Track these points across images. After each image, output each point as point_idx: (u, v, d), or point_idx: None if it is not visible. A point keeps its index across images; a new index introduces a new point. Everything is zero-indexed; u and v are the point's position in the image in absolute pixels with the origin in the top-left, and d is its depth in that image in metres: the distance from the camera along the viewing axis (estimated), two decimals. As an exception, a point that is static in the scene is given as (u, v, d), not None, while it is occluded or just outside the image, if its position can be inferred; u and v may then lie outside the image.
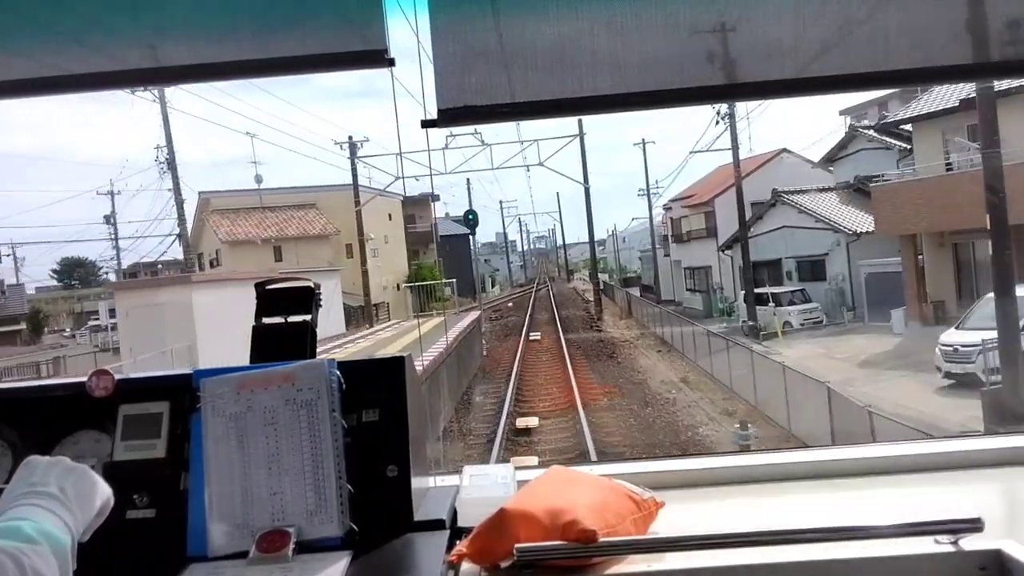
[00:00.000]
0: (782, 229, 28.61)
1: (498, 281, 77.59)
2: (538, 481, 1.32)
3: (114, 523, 1.09)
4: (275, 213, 36.35)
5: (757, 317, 25.79)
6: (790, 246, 28.49)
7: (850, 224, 26.29)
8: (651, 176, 46.20)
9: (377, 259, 40.96)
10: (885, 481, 1.51)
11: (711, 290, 35.21)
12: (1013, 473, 1.48)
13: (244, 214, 35.89)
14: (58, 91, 1.36)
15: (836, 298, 26.33)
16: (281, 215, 36.35)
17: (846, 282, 26.32)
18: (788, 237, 28.41)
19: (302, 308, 1.43)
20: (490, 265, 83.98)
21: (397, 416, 1.30)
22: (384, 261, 41.50)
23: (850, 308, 25.60)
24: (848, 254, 26.16)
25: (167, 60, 1.31)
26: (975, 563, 1.11)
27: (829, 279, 26.91)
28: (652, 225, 47.12)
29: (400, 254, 45.63)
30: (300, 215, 36.46)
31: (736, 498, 1.50)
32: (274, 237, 34.98)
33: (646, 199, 46.71)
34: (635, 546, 1.19)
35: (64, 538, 0.90)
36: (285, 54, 1.28)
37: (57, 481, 0.97)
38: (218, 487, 1.24)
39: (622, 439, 13.87)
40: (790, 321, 25.42)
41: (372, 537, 1.22)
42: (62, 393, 1.37)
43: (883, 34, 1.23)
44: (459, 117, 1.28)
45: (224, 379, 1.29)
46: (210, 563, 1.20)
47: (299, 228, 35.45)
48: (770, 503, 1.47)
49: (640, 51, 1.25)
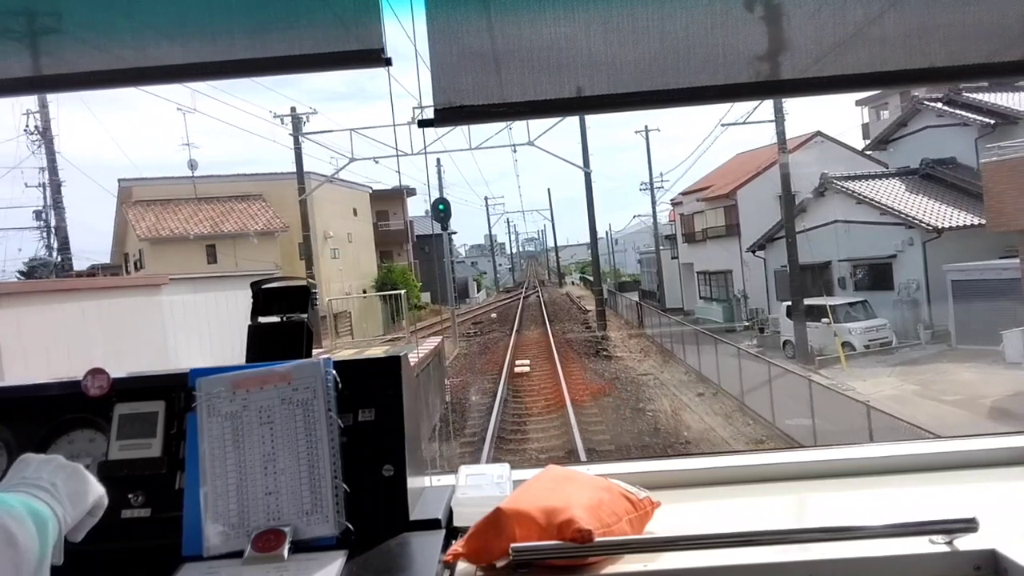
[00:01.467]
0: (833, 224, 22.86)
1: (484, 285, 71.68)
2: (534, 481, 1.32)
3: (109, 522, 1.12)
4: (211, 205, 30.23)
5: (807, 336, 20.02)
6: (844, 246, 22.63)
7: (927, 217, 20.60)
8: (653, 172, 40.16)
9: (338, 261, 34.98)
10: (880, 481, 1.51)
11: (733, 299, 29.45)
12: (1008, 473, 1.49)
13: (173, 206, 29.79)
14: (47, 90, 1.45)
15: (908, 312, 20.58)
16: (219, 207, 30.21)
17: (921, 291, 20.59)
18: (841, 235, 22.63)
19: (298, 307, 1.43)
20: (476, 268, 79.73)
21: (393, 416, 1.31)
22: (347, 263, 35.48)
23: (927, 326, 19.87)
24: (925, 255, 20.45)
25: (162, 59, 1.31)
26: (970, 563, 1.11)
27: (898, 288, 21.15)
28: (656, 222, 41.21)
29: (368, 255, 39.51)
30: (242, 208, 30.33)
31: (732, 498, 1.50)
32: (207, 234, 28.94)
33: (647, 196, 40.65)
34: (631, 546, 1.20)
35: (48, 518, 0.91)
36: (281, 53, 1.29)
37: (49, 477, 0.98)
38: (213, 486, 1.24)
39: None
40: (851, 342, 19.65)
41: (368, 537, 1.22)
42: (57, 392, 1.37)
43: (879, 36, 1.25)
44: (455, 117, 1.30)
45: (220, 378, 1.28)
46: (205, 562, 1.19)
47: (239, 223, 29.37)
48: (766, 503, 1.47)
49: (635, 51, 1.26)
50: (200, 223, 29.20)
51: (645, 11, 1.24)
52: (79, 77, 1.32)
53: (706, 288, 33.00)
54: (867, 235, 21.83)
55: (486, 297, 62.77)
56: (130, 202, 30.01)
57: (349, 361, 1.34)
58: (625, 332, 28.55)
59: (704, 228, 32.76)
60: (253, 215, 29.80)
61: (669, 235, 42.91)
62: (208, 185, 30.94)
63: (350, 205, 37.54)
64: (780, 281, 24.76)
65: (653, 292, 44.82)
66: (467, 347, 26.13)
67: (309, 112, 24.22)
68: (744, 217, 29.44)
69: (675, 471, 1.58)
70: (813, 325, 20.26)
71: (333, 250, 34.93)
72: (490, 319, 35.55)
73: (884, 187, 22.51)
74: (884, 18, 1.23)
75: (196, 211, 29.94)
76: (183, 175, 30.73)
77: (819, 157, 27.91)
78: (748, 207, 29.57)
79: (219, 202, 30.42)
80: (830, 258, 23.02)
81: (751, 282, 29.10)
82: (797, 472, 1.54)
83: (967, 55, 1.25)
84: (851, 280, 22.83)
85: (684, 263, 36.73)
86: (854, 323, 20.16)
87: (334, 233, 34.37)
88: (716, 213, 31.65)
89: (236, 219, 29.60)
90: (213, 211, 29.93)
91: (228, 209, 30.15)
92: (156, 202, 29.89)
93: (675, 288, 38.14)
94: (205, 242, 28.90)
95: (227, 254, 28.33)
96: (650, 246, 47.28)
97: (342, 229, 35.60)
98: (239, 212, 29.97)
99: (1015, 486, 1.45)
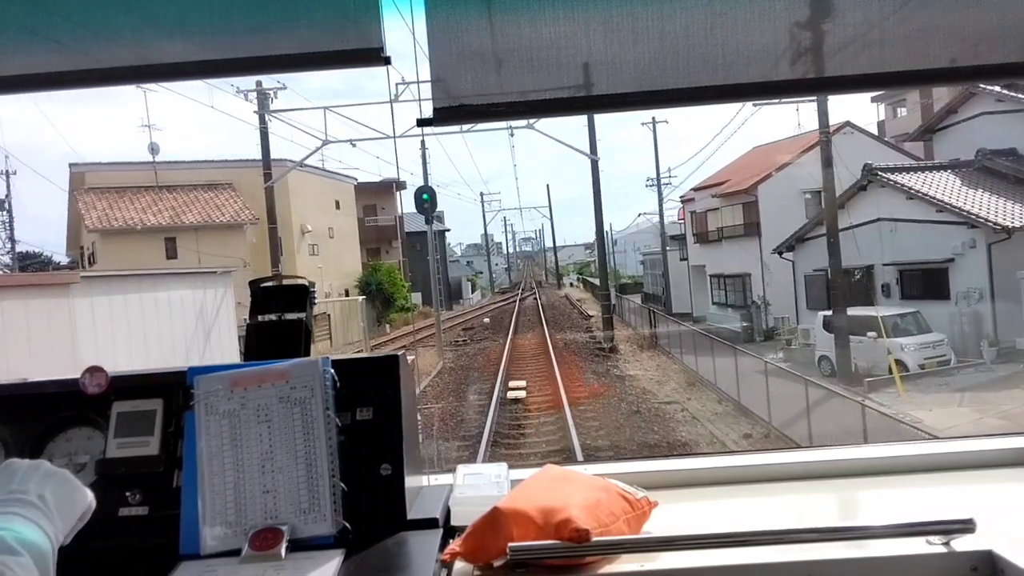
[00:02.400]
0: (876, 223, 19.88)
1: (480, 286, 68.62)
2: (531, 480, 1.32)
3: (107, 520, 1.14)
4: (174, 194, 27.17)
5: (850, 352, 17.09)
6: (889, 247, 19.62)
7: (994, 216, 17.64)
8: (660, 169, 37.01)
9: (317, 257, 31.95)
10: (878, 482, 1.51)
11: (752, 305, 26.50)
12: (1005, 474, 1.49)
13: (130, 194, 26.72)
14: (44, 88, 1.36)
15: (969, 326, 17.60)
16: (182, 197, 27.12)
17: (984, 301, 17.63)
18: (886, 235, 19.64)
19: (296, 306, 1.43)
20: (472, 268, 76.84)
21: (391, 415, 1.30)
22: (328, 260, 32.42)
23: (992, 342, 16.92)
24: (990, 259, 17.49)
25: (162, 57, 1.31)
26: (967, 563, 1.11)
27: (955, 297, 18.16)
28: (663, 221, 38.17)
29: (352, 252, 36.42)
30: (208, 197, 27.21)
31: (730, 498, 1.50)
32: (166, 225, 25.87)
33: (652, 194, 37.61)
34: (628, 546, 1.20)
35: (45, 547, 0.89)
36: (281, 51, 1.28)
37: (37, 488, 0.95)
38: (211, 485, 1.24)
39: None
40: (903, 360, 16.71)
41: (365, 536, 1.22)
42: (55, 390, 1.36)
43: (878, 38, 1.25)
44: (454, 116, 1.29)
45: (218, 376, 1.28)
46: (202, 561, 1.19)
47: (203, 214, 26.31)
48: (763, 503, 1.48)
49: (635, 51, 1.26)
50: (159, 213, 26.10)
51: (645, 11, 1.25)
52: (77, 75, 1.32)
53: (720, 293, 29.97)
54: (917, 235, 18.77)
55: (481, 298, 59.73)
56: (82, 189, 26.87)
57: (347, 360, 1.33)
58: (635, 344, 24.68)
59: (719, 227, 29.70)
60: (220, 205, 26.66)
61: (676, 235, 39.96)
62: (172, 172, 27.84)
63: (332, 197, 34.48)
64: (811, 287, 21.79)
65: (657, 295, 41.81)
66: (453, 360, 22.11)
67: (277, 88, 21.16)
68: (765, 215, 26.49)
69: (672, 471, 1.58)
70: (857, 339, 17.30)
71: (312, 246, 31.90)
72: (482, 324, 31.67)
73: (938, 181, 19.38)
74: (887, 19, 1.23)
75: (156, 200, 26.86)
76: (143, 160, 27.69)
77: (850, 150, 25.01)
78: (770, 204, 26.65)
79: (183, 191, 27.31)
80: (872, 261, 20.02)
81: (772, 287, 26.14)
82: (795, 472, 1.54)
83: (966, 57, 1.26)
84: (897, 287, 19.82)
85: (694, 265, 33.68)
86: (906, 338, 17.17)
87: (312, 227, 31.36)
88: (733, 210, 28.62)
89: (200, 209, 26.46)
90: (175, 201, 26.81)
91: (192, 199, 27.02)
92: (111, 190, 26.69)
93: (683, 292, 35.15)
94: (164, 234, 25.86)
95: (189, 248, 25.29)
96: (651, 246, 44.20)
97: (322, 223, 32.57)
98: (204, 202, 26.82)
99: (1013, 487, 1.46)
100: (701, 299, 32.64)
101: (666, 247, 37.10)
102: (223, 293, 18.87)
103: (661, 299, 40.02)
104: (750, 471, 1.56)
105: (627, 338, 26.01)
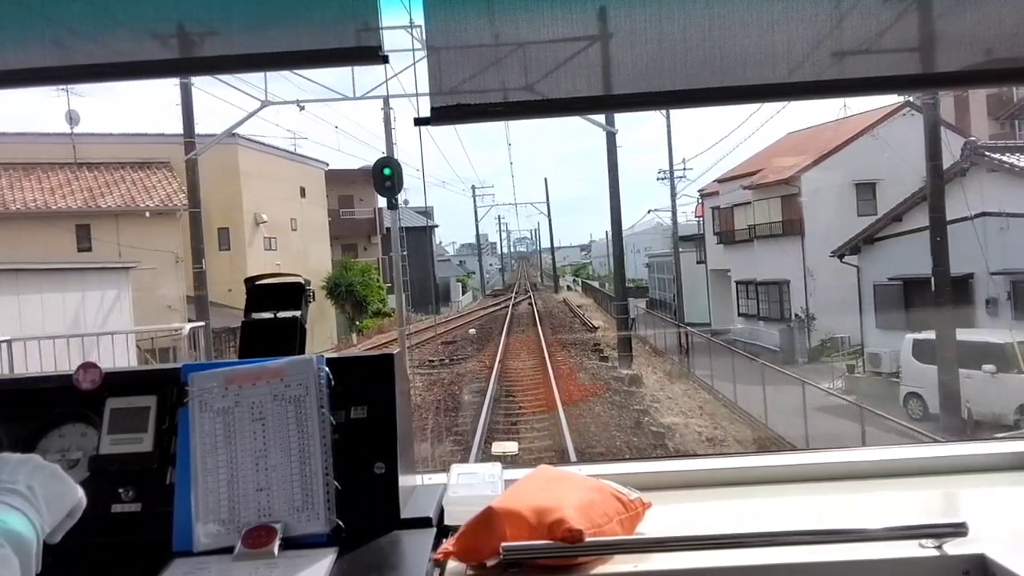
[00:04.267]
0: (981, 218, 15.21)
1: (471, 286, 63.81)
2: (525, 480, 1.32)
3: (99, 517, 1.14)
4: (95, 173, 22.41)
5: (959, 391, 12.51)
6: (997, 251, 15.05)
7: None
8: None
9: (275, 253, 27.26)
10: (871, 485, 1.51)
11: (795, 320, 21.91)
12: (998, 478, 1.49)
13: (40, 172, 21.91)
14: (42, 83, 1.35)
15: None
16: (104, 176, 22.34)
17: None
18: (992, 234, 14.91)
19: (291, 304, 1.42)
20: (464, 267, 73.50)
21: (386, 414, 1.30)
22: (289, 256, 27.71)
23: None
24: None
25: (160, 53, 1.30)
26: (959, 567, 1.11)
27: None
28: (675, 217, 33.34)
29: (320, 247, 31.58)
30: (137, 177, 22.44)
31: (723, 500, 1.50)
32: (79, 209, 21.07)
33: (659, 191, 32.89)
34: (621, 546, 1.19)
35: (28, 537, 0.89)
36: (278, 49, 1.28)
37: (26, 479, 0.95)
38: (204, 482, 1.23)
39: None
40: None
41: (358, 534, 1.21)
42: (48, 385, 1.36)
43: (874, 39, 1.25)
44: (452, 115, 1.29)
45: (212, 374, 1.27)
46: (195, 558, 1.18)
47: (127, 197, 21.49)
48: (757, 505, 1.47)
49: (633, 52, 1.26)
50: (71, 195, 21.31)
51: (644, 12, 1.24)
52: (75, 70, 1.32)
53: (750, 302, 25.43)
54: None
55: (472, 300, 54.92)
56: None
57: (342, 358, 1.33)
58: (659, 368, 19.23)
59: (750, 225, 25.14)
60: (150, 187, 21.87)
61: (688, 236, 35.30)
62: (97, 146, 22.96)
63: (296, 183, 29.70)
64: (884, 301, 17.17)
65: (665, 302, 37.16)
66: (422, 390, 15.77)
67: (204, 32, 16.36)
68: (813, 209, 22.00)
69: (666, 472, 1.58)
70: (966, 373, 12.72)
71: (268, 239, 27.13)
72: (466, 337, 25.66)
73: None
74: (888, 21, 1.23)
75: (72, 179, 22.09)
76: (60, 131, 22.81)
77: (908, 137, 20.55)
78: (814, 198, 22.18)
79: (106, 169, 22.51)
80: (971, 269, 15.40)
81: (818, 297, 21.71)
82: (788, 475, 1.54)
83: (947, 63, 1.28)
84: (1008, 303, 15.19)
85: (715, 269, 29.16)
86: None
87: (270, 217, 26.60)
88: (769, 205, 24.09)
89: (124, 191, 21.69)
90: (95, 180, 22.03)
91: (117, 178, 22.22)
92: (16, 165, 21.92)
93: (698, 299, 30.58)
94: (76, 220, 21.07)
95: (106, 239, 20.60)
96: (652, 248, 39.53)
97: (282, 213, 27.85)
98: (131, 183, 22.03)
99: (1006, 491, 1.46)
100: (723, 309, 28.06)
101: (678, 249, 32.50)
102: (115, 296, 13.99)
103: (671, 307, 35.42)
104: (744, 473, 1.56)
105: (647, 360, 20.74)
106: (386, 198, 13.48)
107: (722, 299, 28.32)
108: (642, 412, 13.70)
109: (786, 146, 26.80)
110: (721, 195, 27.80)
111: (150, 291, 20.59)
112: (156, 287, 20.50)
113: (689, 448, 12.11)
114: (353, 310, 30.17)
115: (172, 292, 20.79)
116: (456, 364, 19.20)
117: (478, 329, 27.11)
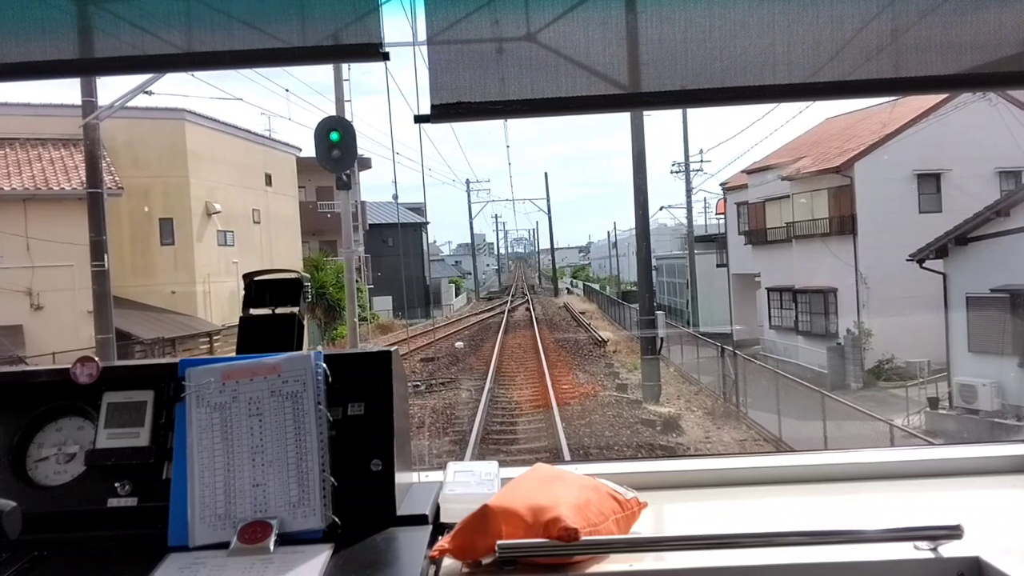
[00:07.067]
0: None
1: (466, 288, 60.01)
2: (522, 479, 1.32)
3: (96, 511, 1.16)
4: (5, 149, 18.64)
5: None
6: None
7: None
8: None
9: (231, 248, 23.65)
10: (867, 486, 1.51)
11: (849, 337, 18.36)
12: (995, 481, 1.50)
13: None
14: (40, 76, 1.35)
15: None
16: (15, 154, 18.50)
17: None
18: None
19: (289, 300, 1.43)
20: (459, 268, 70.70)
21: (382, 410, 1.30)
22: (249, 252, 23.97)
23: None
24: None
25: (159, 48, 1.31)
26: (954, 570, 1.11)
27: None
28: (690, 215, 29.71)
29: (289, 243, 27.80)
30: (57, 155, 18.61)
31: (719, 500, 1.51)
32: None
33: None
34: (617, 546, 1.20)
35: None
36: (279, 45, 1.29)
37: None
38: (201, 477, 1.24)
39: None
40: None
41: (354, 531, 1.22)
42: (45, 379, 1.36)
43: (876, 43, 1.26)
44: (451, 114, 1.30)
45: (210, 369, 1.28)
46: (191, 553, 1.19)
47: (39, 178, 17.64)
48: (753, 506, 1.48)
49: (633, 52, 1.26)
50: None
51: (644, 12, 1.25)
52: (74, 64, 1.34)
53: (785, 313, 21.84)
54: None
55: (465, 303, 51.19)
56: None
57: (340, 355, 1.33)
58: (697, 405, 14.69)
59: (788, 222, 21.58)
60: (71, 168, 18.20)
61: (703, 236, 31.75)
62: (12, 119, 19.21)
63: (260, 170, 25.96)
64: (980, 317, 13.58)
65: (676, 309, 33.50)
66: None
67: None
68: (868, 204, 18.56)
69: (663, 472, 1.58)
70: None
71: (223, 232, 23.45)
72: (451, 353, 21.50)
73: None
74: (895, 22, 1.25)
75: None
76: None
77: (975, 124, 17.59)
78: (874, 188, 18.77)
79: (20, 146, 18.79)
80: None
81: (871, 309, 18.32)
82: (785, 476, 1.54)
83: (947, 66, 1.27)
84: None
85: (739, 273, 25.60)
86: None
87: (225, 207, 22.94)
88: (813, 199, 20.53)
89: (36, 172, 18.01)
90: (6, 159, 18.31)
91: (31, 157, 18.51)
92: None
93: (716, 307, 27.00)
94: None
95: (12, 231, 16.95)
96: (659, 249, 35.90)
97: (242, 202, 24.15)
98: (48, 162, 18.32)
99: (1001, 494, 1.46)
100: (748, 318, 24.45)
101: (693, 249, 28.90)
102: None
103: (682, 314, 31.82)
104: (740, 474, 1.57)
105: (675, 387, 16.29)
106: (334, 173, 9.77)
107: (744, 307, 24.78)
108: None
109: (825, 133, 23.29)
110: (750, 188, 24.20)
111: (69, 292, 17.19)
112: (75, 287, 16.89)
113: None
114: (325, 316, 26.46)
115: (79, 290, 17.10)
116: (430, 396, 14.85)
117: (466, 342, 23.24)
